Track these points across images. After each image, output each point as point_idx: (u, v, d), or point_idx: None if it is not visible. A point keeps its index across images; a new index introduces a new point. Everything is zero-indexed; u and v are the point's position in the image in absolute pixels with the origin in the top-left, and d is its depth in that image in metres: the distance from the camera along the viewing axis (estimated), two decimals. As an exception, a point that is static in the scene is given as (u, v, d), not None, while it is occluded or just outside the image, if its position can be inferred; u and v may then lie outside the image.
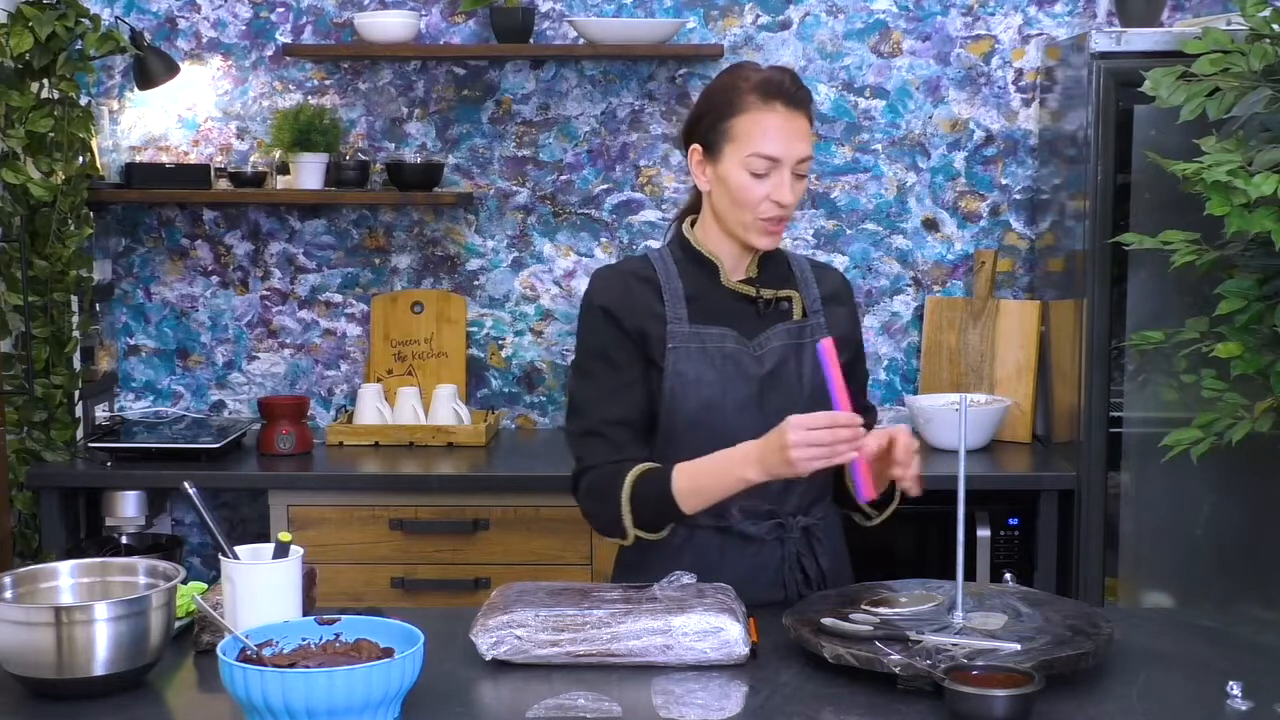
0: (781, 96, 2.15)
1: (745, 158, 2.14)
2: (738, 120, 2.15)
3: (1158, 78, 2.89)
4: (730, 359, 2.18)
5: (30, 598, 1.90)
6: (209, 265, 3.87)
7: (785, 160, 2.14)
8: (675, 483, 2.10)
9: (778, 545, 2.20)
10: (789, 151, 2.14)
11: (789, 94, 2.16)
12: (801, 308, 2.25)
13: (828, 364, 2.02)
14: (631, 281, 2.22)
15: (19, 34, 3.35)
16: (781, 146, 2.14)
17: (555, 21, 3.76)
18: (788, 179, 2.14)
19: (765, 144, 2.13)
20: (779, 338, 2.21)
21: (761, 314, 2.22)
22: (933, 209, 3.80)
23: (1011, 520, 3.33)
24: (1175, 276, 2.96)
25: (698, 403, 2.15)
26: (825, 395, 2.07)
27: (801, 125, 2.16)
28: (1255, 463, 3.10)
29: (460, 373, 3.81)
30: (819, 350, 2.04)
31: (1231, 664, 1.89)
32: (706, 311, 2.20)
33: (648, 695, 1.80)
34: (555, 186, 3.82)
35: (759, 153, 2.13)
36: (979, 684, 1.68)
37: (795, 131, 2.15)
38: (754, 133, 2.14)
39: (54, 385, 3.46)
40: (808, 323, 2.23)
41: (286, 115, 3.63)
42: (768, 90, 2.15)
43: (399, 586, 3.31)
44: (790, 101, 2.15)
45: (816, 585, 2.20)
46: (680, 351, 2.17)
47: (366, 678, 1.60)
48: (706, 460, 2.10)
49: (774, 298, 2.23)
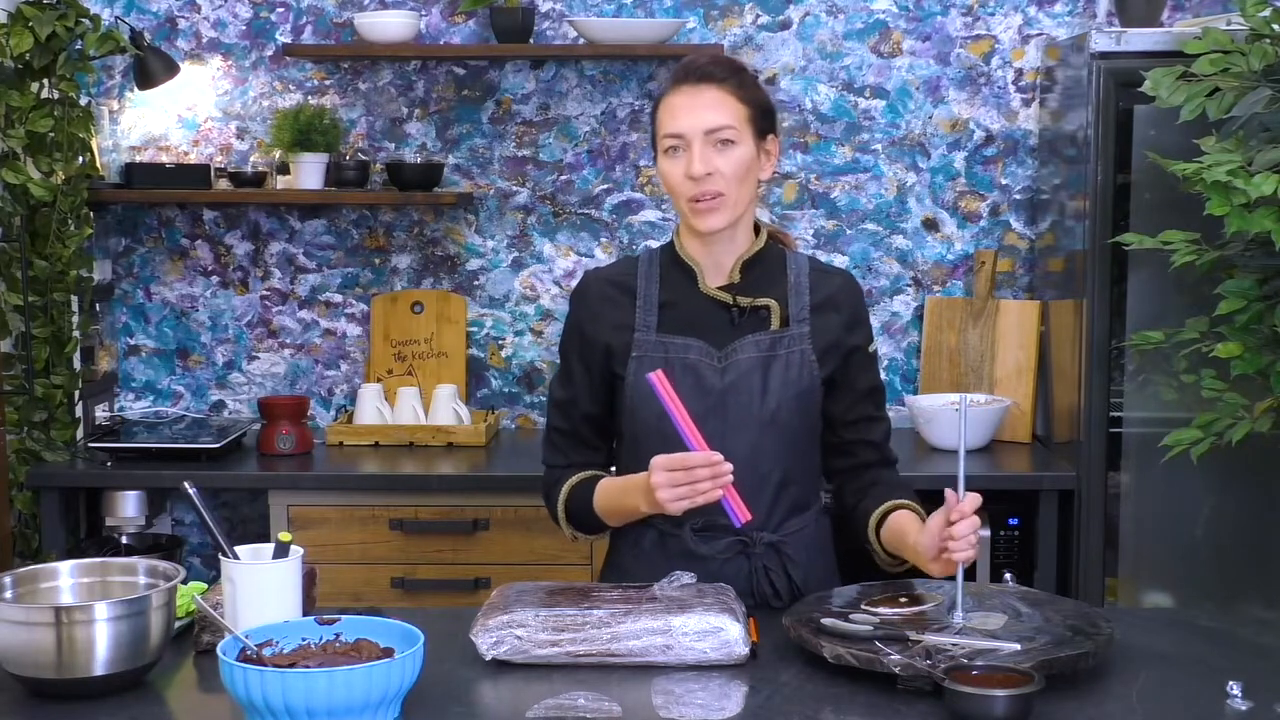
0: (689, 77, 2.16)
1: (661, 142, 2.16)
2: (657, 112, 2.19)
3: (1158, 78, 2.89)
4: (690, 370, 2.17)
5: (30, 598, 1.90)
6: (209, 265, 3.87)
7: (690, 134, 2.13)
8: (595, 500, 2.22)
9: (743, 560, 2.18)
10: (693, 123, 2.13)
11: (695, 71, 2.16)
12: (782, 317, 2.21)
13: (662, 397, 2.03)
14: (608, 290, 2.25)
15: (19, 34, 3.35)
16: (684, 122, 2.13)
17: (555, 21, 3.76)
18: (698, 151, 2.12)
19: (669, 122, 2.15)
20: (748, 349, 2.18)
21: (735, 323, 2.20)
22: (933, 209, 3.80)
23: (1011, 520, 3.33)
24: (1175, 276, 2.96)
25: (655, 413, 2.10)
26: (793, 407, 2.14)
27: (709, 96, 2.14)
28: (1255, 463, 3.11)
29: (460, 373, 3.81)
30: (650, 382, 2.04)
31: (1231, 664, 1.89)
32: (678, 319, 2.20)
33: (648, 695, 1.80)
34: (555, 186, 3.82)
35: (665, 133, 2.15)
36: (979, 684, 1.68)
37: (700, 103, 2.14)
38: (663, 118, 2.17)
39: (54, 385, 3.46)
40: (786, 332, 2.19)
41: (286, 115, 3.63)
42: (676, 75, 2.18)
43: (399, 586, 3.31)
44: (695, 78, 2.15)
45: (787, 599, 2.16)
46: (643, 361, 2.18)
47: (366, 678, 1.60)
48: (619, 483, 2.20)
49: (750, 306, 2.20)
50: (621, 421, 2.24)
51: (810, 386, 2.19)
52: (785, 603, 2.15)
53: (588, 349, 2.24)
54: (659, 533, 2.21)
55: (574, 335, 2.27)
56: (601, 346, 2.23)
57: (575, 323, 2.27)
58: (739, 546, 2.18)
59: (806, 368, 2.18)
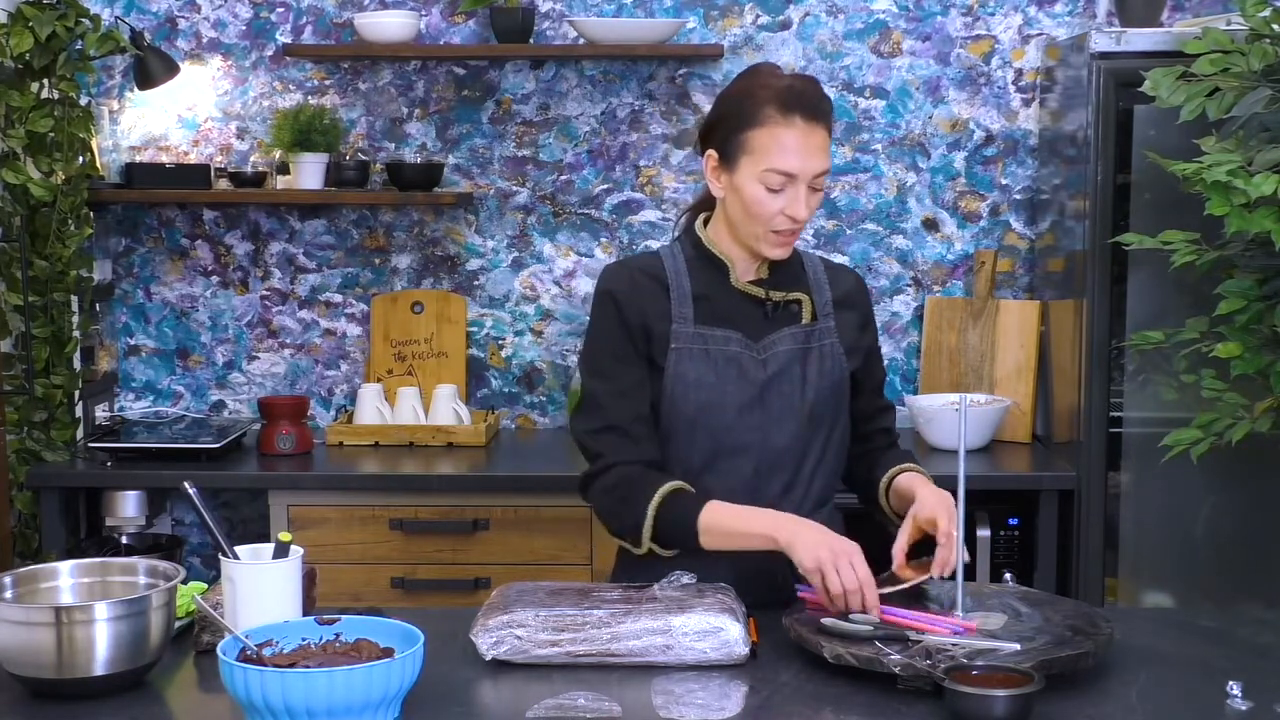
0: (801, 109, 2.10)
1: (761, 172, 2.10)
2: (755, 133, 2.11)
3: (1158, 78, 2.89)
4: (733, 362, 2.17)
5: (30, 598, 1.90)
6: (209, 265, 3.87)
7: (802, 176, 2.10)
8: (702, 517, 2.09)
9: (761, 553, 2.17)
10: (805, 167, 2.10)
11: (809, 106, 2.11)
12: (811, 311, 2.23)
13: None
14: (639, 277, 2.21)
15: (19, 34, 3.35)
16: (798, 162, 2.09)
17: (555, 21, 3.76)
18: (803, 194, 2.11)
19: (782, 160, 2.09)
20: (786, 341, 2.20)
21: (769, 316, 2.21)
22: (933, 209, 3.80)
23: (1011, 520, 3.33)
24: (1175, 276, 2.96)
25: (696, 405, 2.15)
26: (828, 399, 2.17)
27: (820, 139, 2.11)
28: (1255, 463, 3.11)
29: (460, 373, 3.81)
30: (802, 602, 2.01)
31: (1231, 664, 1.89)
32: (714, 312, 2.20)
33: (648, 695, 1.80)
34: (555, 186, 3.82)
35: (775, 168, 2.10)
36: (979, 684, 1.68)
37: (813, 146, 2.10)
38: (771, 147, 2.10)
39: (54, 385, 3.46)
40: (817, 326, 2.23)
41: (286, 115, 3.63)
42: (787, 103, 2.10)
43: (399, 586, 3.31)
44: (810, 114, 2.10)
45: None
46: (683, 352, 2.17)
47: (366, 678, 1.60)
48: (740, 508, 2.10)
49: (783, 300, 2.22)
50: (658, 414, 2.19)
51: (842, 378, 2.23)
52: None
53: (634, 331, 2.17)
54: None
55: (615, 321, 2.17)
56: (643, 329, 2.16)
57: (614, 306, 2.18)
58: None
59: (838, 360, 2.23)
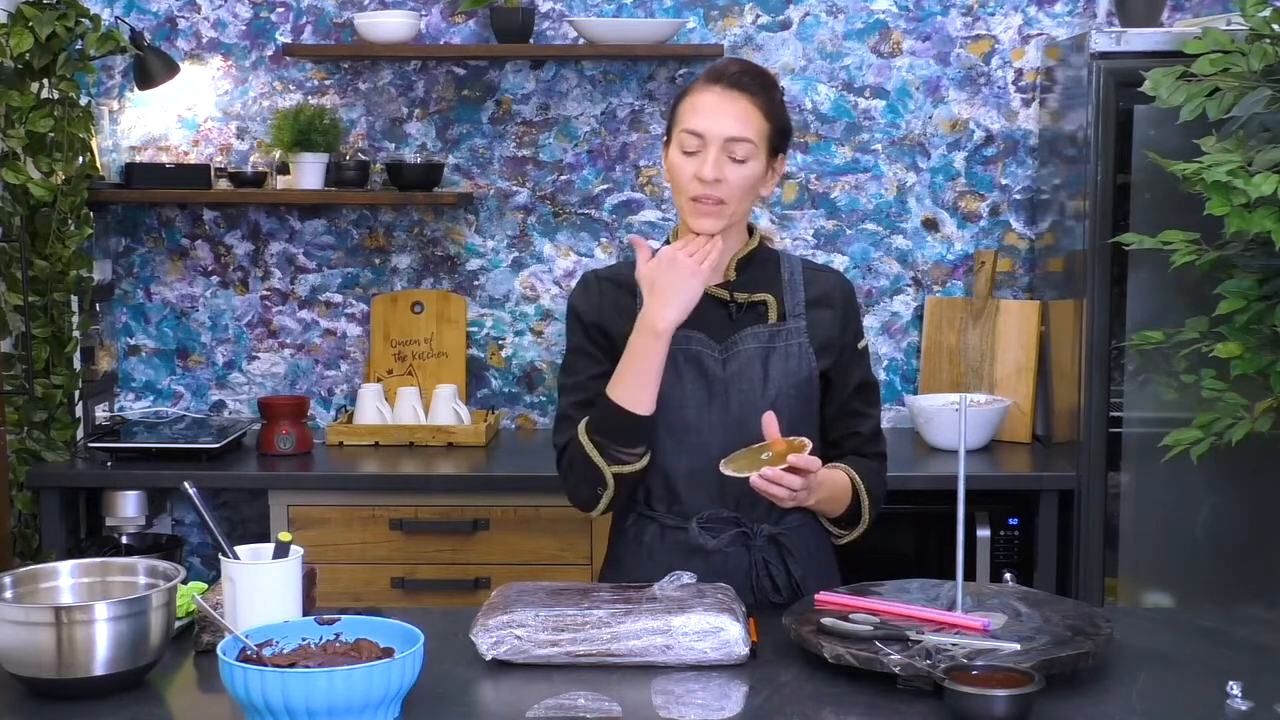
0: (723, 79, 2.17)
1: (678, 134, 2.18)
2: (681, 103, 2.20)
3: (1158, 78, 2.89)
4: (693, 360, 2.21)
5: (30, 598, 1.90)
6: (209, 265, 3.87)
7: (710, 136, 2.14)
8: (609, 391, 2.15)
9: (743, 553, 2.21)
10: (716, 127, 2.14)
11: (731, 76, 2.18)
12: (779, 311, 2.25)
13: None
14: (602, 284, 2.28)
15: (19, 34, 3.35)
16: (709, 122, 2.15)
17: (555, 21, 3.76)
18: (713, 155, 2.14)
19: (693, 119, 2.16)
20: (748, 340, 2.22)
21: (734, 318, 2.24)
22: (933, 209, 3.80)
23: (1011, 520, 3.33)
24: (1175, 276, 2.96)
25: (658, 401, 2.16)
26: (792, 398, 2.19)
27: (739, 106, 2.16)
28: (1255, 463, 3.11)
29: (460, 373, 3.81)
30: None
31: (1231, 664, 1.89)
32: None
33: (648, 695, 1.80)
34: (555, 186, 3.82)
35: (686, 128, 2.16)
36: (979, 684, 1.68)
37: (729, 110, 2.15)
38: (685, 111, 2.18)
39: (54, 385, 3.46)
40: (784, 326, 2.24)
41: (286, 115, 3.63)
42: (711, 73, 2.20)
43: (399, 586, 3.31)
44: (731, 83, 2.17)
45: (787, 594, 2.19)
46: None
47: (366, 678, 1.60)
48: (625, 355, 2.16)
49: (747, 301, 2.24)
50: None
51: (809, 377, 2.23)
52: (785, 598, 2.18)
53: (595, 336, 2.25)
54: (660, 527, 2.23)
55: (577, 326, 2.28)
56: (603, 333, 2.24)
57: (575, 316, 2.28)
58: (741, 539, 2.20)
59: (805, 359, 2.23)
